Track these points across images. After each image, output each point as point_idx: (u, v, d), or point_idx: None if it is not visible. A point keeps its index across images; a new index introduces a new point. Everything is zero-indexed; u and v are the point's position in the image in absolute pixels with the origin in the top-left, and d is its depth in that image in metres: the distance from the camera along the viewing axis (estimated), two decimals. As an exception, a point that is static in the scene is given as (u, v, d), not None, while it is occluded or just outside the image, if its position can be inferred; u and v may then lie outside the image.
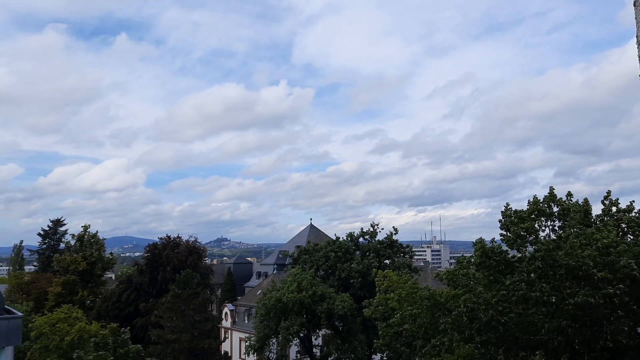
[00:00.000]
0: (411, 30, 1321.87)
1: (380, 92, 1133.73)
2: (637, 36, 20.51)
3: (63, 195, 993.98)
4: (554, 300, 18.41)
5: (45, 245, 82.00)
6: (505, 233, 21.87)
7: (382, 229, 49.23)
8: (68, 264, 63.98)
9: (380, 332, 27.13)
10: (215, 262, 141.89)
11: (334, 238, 49.92)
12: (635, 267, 18.29)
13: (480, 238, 20.90)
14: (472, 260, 21.25)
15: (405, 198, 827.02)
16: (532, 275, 19.29)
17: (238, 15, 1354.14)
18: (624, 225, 22.92)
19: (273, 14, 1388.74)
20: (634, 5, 20.58)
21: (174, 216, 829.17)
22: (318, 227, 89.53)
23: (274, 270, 76.40)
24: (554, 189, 24.22)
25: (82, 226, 71.25)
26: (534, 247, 20.27)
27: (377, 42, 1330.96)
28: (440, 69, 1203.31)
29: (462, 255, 23.16)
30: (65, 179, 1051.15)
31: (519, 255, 20.62)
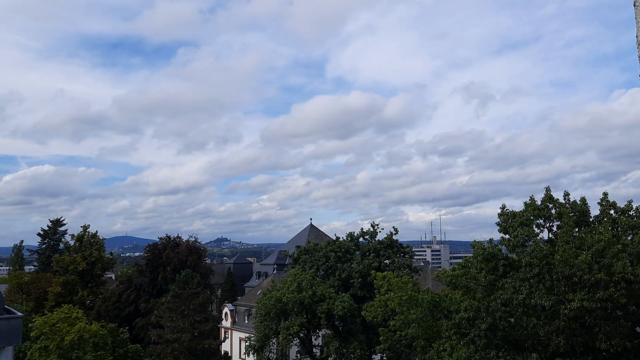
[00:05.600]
0: (436, 46, 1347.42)
1: (488, 101, 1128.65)
2: (637, 36, 20.54)
3: (124, 196, 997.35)
4: (551, 304, 18.45)
5: (45, 246, 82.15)
6: (504, 236, 21.88)
7: (382, 229, 49.18)
8: (67, 264, 64.04)
9: (381, 337, 27.09)
10: (215, 262, 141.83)
11: (334, 238, 49.92)
12: (630, 269, 18.30)
13: (480, 242, 20.91)
14: (473, 262, 21.28)
15: (443, 197, 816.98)
16: (530, 280, 19.33)
17: (284, 35, 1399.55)
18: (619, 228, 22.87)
19: (313, 34, 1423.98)
20: (634, 5, 20.60)
21: (210, 216, 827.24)
22: (318, 227, 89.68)
23: (274, 270, 76.41)
24: (550, 189, 24.11)
25: (81, 226, 71.37)
26: (531, 251, 20.28)
27: (404, 57, 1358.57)
28: (462, 80, 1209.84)
29: (465, 260, 23.13)
30: (141, 180, 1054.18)
31: (518, 258, 20.63)
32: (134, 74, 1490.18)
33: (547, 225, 23.48)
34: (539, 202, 23.82)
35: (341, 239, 48.71)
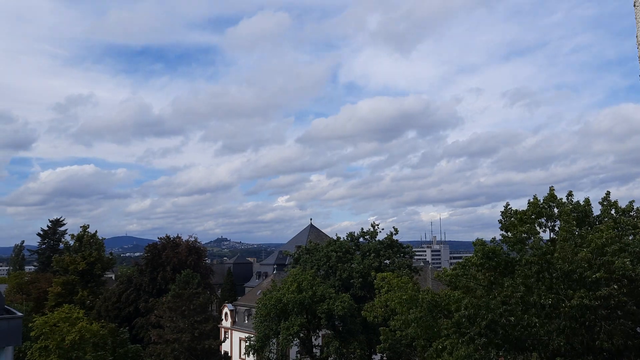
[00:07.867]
0: (445, 52, 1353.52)
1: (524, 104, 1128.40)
2: (637, 36, 20.52)
3: (148, 196, 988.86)
4: (550, 302, 18.42)
5: (45, 246, 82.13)
6: (505, 234, 21.85)
7: (383, 229, 49.16)
8: (67, 264, 64.01)
9: (382, 336, 27.06)
10: (215, 262, 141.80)
11: (335, 238, 49.94)
12: (630, 266, 18.27)
13: (481, 239, 20.87)
14: (473, 260, 21.24)
15: (459, 198, 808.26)
16: (530, 279, 19.28)
17: (302, 44, 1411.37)
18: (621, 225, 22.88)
19: (330, 42, 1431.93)
20: (634, 5, 20.57)
21: (226, 216, 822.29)
22: (318, 227, 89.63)
23: (274, 270, 76.37)
24: (554, 189, 24.12)
25: (80, 227, 71.38)
26: (531, 250, 20.26)
27: (413, 62, 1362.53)
28: (468, 85, 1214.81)
29: (465, 259, 23.11)
30: (172, 182, 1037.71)
31: (518, 256, 20.61)
32: (195, 81, 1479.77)
33: (549, 224, 23.48)
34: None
35: (342, 239, 48.72)
